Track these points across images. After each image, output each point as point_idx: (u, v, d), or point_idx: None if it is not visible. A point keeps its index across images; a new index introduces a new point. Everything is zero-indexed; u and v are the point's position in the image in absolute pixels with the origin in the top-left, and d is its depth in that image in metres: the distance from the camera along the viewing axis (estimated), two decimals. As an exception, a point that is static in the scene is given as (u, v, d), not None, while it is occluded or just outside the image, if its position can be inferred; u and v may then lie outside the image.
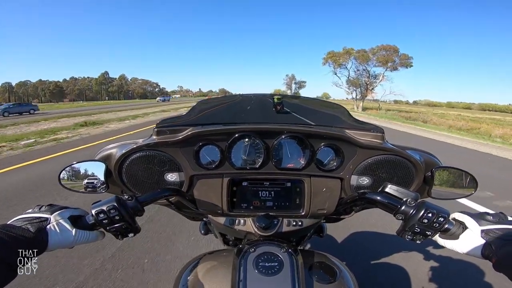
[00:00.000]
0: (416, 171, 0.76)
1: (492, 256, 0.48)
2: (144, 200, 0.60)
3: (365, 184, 0.78)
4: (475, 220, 0.52)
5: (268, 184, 0.77)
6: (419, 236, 0.56)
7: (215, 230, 0.93)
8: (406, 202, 0.56)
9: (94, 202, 0.55)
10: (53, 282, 1.83)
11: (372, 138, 0.77)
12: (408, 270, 1.99)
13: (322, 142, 0.76)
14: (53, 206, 0.54)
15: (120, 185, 0.76)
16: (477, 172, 1.08)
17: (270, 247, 0.64)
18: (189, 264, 0.71)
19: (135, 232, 0.58)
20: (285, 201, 0.77)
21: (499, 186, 4.23)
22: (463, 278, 1.94)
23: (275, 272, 0.58)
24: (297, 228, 0.76)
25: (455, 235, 0.54)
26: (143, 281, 1.85)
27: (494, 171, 5.38)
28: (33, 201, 3.19)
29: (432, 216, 0.53)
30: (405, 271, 1.99)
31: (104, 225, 0.54)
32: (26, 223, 0.48)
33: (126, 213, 0.55)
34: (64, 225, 0.51)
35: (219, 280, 0.61)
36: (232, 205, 0.76)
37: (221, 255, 0.72)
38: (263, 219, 0.71)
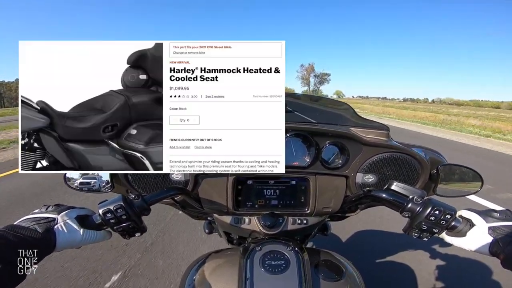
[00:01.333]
0: (422, 169, 0.76)
1: (500, 253, 0.48)
2: (150, 199, 0.59)
3: (370, 182, 0.78)
4: (482, 217, 0.52)
5: (273, 183, 0.77)
6: (426, 233, 0.56)
7: (220, 229, 0.93)
8: (413, 200, 0.56)
9: (100, 202, 0.55)
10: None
11: (377, 136, 0.76)
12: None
13: (327, 140, 0.76)
14: (60, 206, 0.55)
15: (125, 185, 0.76)
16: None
17: (276, 246, 0.64)
18: (194, 263, 0.71)
19: (142, 232, 0.58)
20: (290, 200, 0.77)
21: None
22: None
23: (281, 270, 0.58)
24: (302, 226, 0.76)
25: (462, 233, 0.54)
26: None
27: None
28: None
29: (439, 213, 0.52)
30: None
31: (111, 225, 0.54)
32: (34, 224, 0.48)
33: (132, 212, 0.54)
34: (71, 225, 0.51)
35: (225, 278, 0.61)
36: (237, 203, 0.76)
37: (227, 253, 0.73)
38: (269, 218, 0.71)
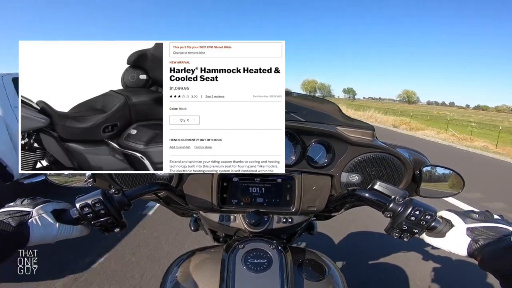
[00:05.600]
0: (405, 169, 0.77)
1: (477, 254, 0.48)
2: (132, 194, 0.58)
3: (355, 181, 0.79)
4: (461, 218, 0.53)
5: (259, 180, 0.76)
6: (406, 233, 0.56)
7: (205, 226, 0.92)
8: (395, 200, 0.56)
9: (78, 196, 0.53)
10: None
11: (362, 135, 0.77)
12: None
13: (313, 138, 0.76)
14: (35, 199, 0.53)
15: (107, 179, 0.74)
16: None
17: (259, 244, 0.64)
18: (177, 260, 0.70)
19: (122, 227, 0.57)
20: (275, 198, 0.77)
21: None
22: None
23: (263, 268, 0.58)
24: (288, 225, 0.76)
25: (441, 233, 0.54)
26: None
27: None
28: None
29: (419, 213, 0.53)
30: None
31: (89, 219, 0.53)
32: (7, 217, 0.47)
33: (112, 207, 0.53)
34: (46, 219, 0.50)
35: (207, 276, 0.61)
36: (222, 201, 0.76)
37: (210, 251, 0.72)
38: (253, 216, 0.71)
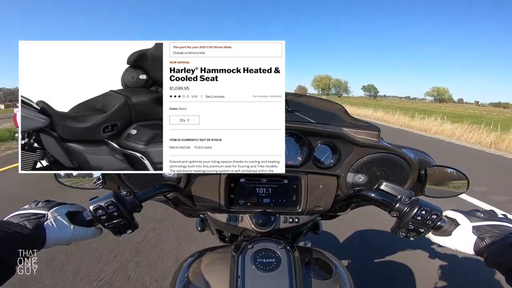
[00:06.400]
0: (411, 169, 0.78)
1: (483, 252, 0.49)
2: (142, 196, 0.59)
3: (360, 181, 0.79)
4: (467, 217, 0.54)
5: (266, 181, 0.77)
6: (412, 233, 0.57)
7: (212, 226, 0.93)
8: (401, 200, 0.57)
9: (91, 198, 0.55)
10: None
11: (368, 136, 0.78)
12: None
13: (319, 139, 0.77)
14: (50, 202, 0.54)
15: (117, 181, 0.76)
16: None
17: (267, 244, 0.65)
18: (187, 260, 0.71)
19: (133, 229, 0.58)
20: (282, 198, 0.78)
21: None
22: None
23: (272, 268, 0.59)
24: (294, 224, 0.77)
25: (447, 232, 0.55)
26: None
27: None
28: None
29: (425, 213, 0.54)
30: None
31: (102, 221, 0.54)
32: (23, 220, 0.48)
33: (124, 209, 0.54)
34: (61, 221, 0.51)
35: (217, 276, 0.62)
36: (229, 201, 0.77)
37: (219, 251, 0.73)
38: (261, 216, 0.72)
